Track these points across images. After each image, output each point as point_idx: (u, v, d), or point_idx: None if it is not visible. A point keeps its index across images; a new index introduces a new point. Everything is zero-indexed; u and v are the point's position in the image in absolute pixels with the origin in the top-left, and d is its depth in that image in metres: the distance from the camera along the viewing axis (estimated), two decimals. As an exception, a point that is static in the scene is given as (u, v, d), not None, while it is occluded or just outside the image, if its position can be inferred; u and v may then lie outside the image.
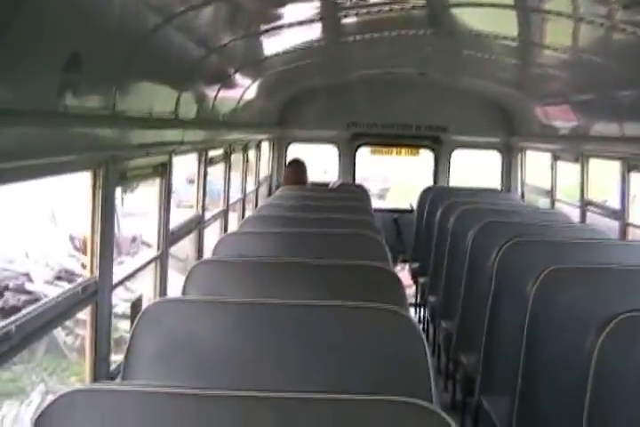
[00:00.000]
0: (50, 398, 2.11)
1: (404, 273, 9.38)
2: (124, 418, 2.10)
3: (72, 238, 15.96)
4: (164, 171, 4.39)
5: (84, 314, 3.42)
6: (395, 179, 25.12)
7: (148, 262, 4.39)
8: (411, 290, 8.77)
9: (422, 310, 8.62)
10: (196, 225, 5.59)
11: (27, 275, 14.86)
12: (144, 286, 4.98)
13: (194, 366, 3.01)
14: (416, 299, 8.83)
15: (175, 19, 3.44)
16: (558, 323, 3.87)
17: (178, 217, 5.06)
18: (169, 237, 4.54)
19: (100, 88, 3.10)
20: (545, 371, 3.89)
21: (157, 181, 4.48)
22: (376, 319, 3.08)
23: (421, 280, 8.43)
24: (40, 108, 2.53)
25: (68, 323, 13.53)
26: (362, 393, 2.14)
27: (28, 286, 14.51)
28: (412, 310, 8.75)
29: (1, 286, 14.49)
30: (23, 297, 14.01)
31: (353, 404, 2.12)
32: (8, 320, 2.57)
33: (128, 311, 4.71)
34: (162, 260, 4.46)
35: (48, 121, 2.60)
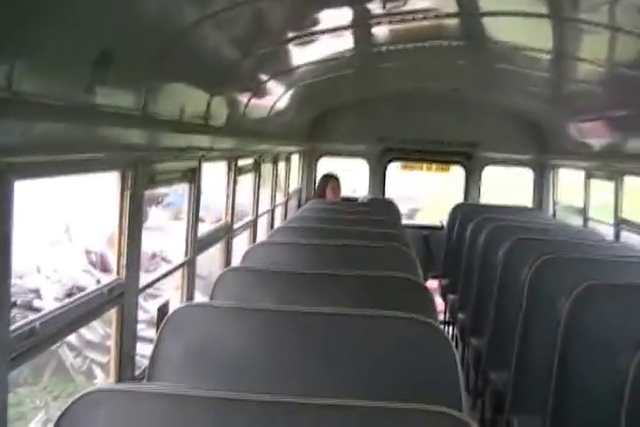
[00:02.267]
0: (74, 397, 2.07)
1: (433, 290, 9.27)
2: (146, 419, 2.05)
3: (88, 252, 15.72)
4: (192, 176, 4.36)
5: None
6: (425, 199, 24.94)
7: (176, 268, 4.36)
8: (440, 307, 8.67)
9: (451, 327, 8.51)
10: (225, 233, 5.55)
11: (36, 291, 14.57)
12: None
13: (218, 372, 2.97)
14: (445, 316, 8.72)
15: (209, 19, 3.41)
16: (592, 341, 3.78)
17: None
18: (197, 244, 4.50)
19: (130, 87, 3.08)
20: (578, 390, 3.79)
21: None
22: (406, 330, 3.01)
23: (451, 297, 8.34)
24: (69, 103, 2.50)
25: (77, 344, 13.22)
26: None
27: (37, 304, 14.21)
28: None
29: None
30: (30, 315, 13.53)
31: (382, 411, 2.05)
32: (32, 317, 2.54)
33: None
34: (189, 266, 4.43)
35: (77, 117, 2.58)
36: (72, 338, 12.65)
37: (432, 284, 9.45)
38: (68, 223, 16.84)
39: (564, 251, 4.97)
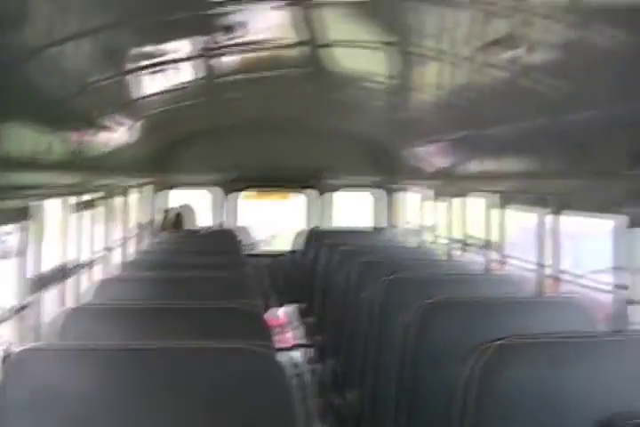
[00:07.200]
0: None
1: (291, 315, 9.37)
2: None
3: None
4: (24, 215, 4.24)
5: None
6: (281, 224, 25.04)
7: (12, 313, 4.21)
8: (300, 331, 8.77)
9: (312, 350, 8.59)
10: (62, 273, 5.42)
11: None
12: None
13: (61, 418, 2.87)
14: (306, 339, 8.80)
15: (37, 54, 3.33)
16: (431, 356, 3.93)
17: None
18: (33, 284, 4.37)
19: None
20: (423, 403, 3.91)
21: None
22: (238, 360, 3.01)
23: (308, 320, 8.43)
24: None
25: None
26: None
27: None
28: (301, 351, 8.71)
29: None
30: None
31: None
32: None
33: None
34: (26, 309, 4.29)
35: None
36: None
37: (289, 309, 9.52)
38: None
39: (405, 271, 5.15)
